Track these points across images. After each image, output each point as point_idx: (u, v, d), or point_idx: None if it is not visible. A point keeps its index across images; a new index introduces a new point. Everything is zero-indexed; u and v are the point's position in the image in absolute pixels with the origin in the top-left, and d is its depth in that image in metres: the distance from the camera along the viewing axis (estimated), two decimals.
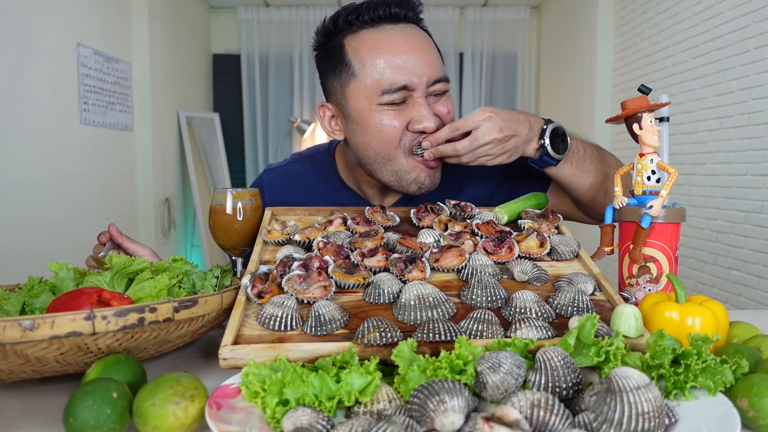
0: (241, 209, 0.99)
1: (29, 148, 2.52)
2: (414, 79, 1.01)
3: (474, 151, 0.98)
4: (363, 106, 1.04)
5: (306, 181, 1.26)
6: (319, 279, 0.76)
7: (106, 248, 1.01)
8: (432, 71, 1.03)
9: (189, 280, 0.91)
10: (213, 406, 0.56)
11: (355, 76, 1.04)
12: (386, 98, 1.02)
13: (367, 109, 1.04)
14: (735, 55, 2.44)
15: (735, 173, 2.48)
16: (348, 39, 1.05)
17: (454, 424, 0.50)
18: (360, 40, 1.04)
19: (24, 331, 0.60)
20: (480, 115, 0.97)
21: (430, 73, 1.03)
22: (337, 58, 1.06)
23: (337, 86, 1.08)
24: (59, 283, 0.85)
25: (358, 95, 1.04)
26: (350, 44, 1.05)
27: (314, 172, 1.26)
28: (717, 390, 0.58)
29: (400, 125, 1.03)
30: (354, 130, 1.08)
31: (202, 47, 4.66)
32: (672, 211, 0.86)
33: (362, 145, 1.08)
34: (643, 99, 0.86)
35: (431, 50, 1.06)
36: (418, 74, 1.02)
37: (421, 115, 1.02)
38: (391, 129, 1.03)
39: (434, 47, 1.09)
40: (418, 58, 1.02)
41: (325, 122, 1.15)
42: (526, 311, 0.73)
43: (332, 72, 1.09)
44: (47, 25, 2.63)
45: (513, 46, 4.80)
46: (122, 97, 3.35)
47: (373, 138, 1.05)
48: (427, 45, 1.06)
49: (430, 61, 1.04)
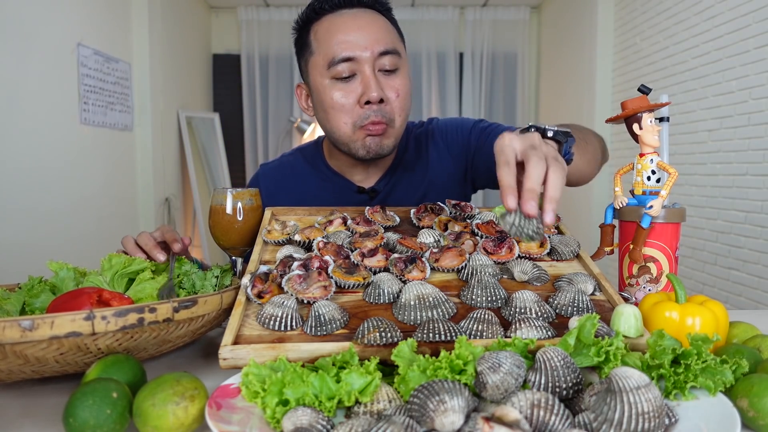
0: (241, 209, 0.99)
1: (29, 148, 2.52)
2: (358, 51, 1.08)
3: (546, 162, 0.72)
4: (318, 81, 1.13)
5: (297, 171, 1.34)
6: (319, 279, 0.76)
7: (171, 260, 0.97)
8: (378, 45, 1.09)
9: (189, 280, 0.91)
10: (213, 406, 0.56)
11: (312, 54, 1.14)
12: (333, 71, 1.09)
13: (322, 85, 1.12)
14: (735, 55, 2.44)
15: (735, 173, 2.48)
16: (314, 25, 1.15)
17: (454, 424, 0.50)
18: (320, 24, 1.14)
19: (23, 332, 0.60)
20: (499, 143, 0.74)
21: (375, 46, 1.09)
22: (303, 41, 1.17)
23: (303, 65, 1.19)
24: (59, 283, 0.85)
25: (315, 71, 1.13)
26: (313, 29, 1.15)
27: (304, 162, 1.34)
28: (717, 390, 0.58)
29: (350, 100, 1.10)
30: (316, 105, 1.18)
31: (202, 47, 4.65)
32: (672, 211, 0.86)
33: (322, 119, 1.17)
34: (643, 99, 0.86)
35: (381, 28, 1.12)
36: (362, 47, 1.08)
37: (365, 86, 1.09)
38: (342, 103, 1.11)
39: (388, 27, 1.14)
40: (365, 33, 1.09)
41: (302, 101, 1.24)
42: (526, 311, 0.73)
43: (300, 54, 1.20)
44: (47, 25, 2.63)
45: (513, 46, 4.80)
46: (122, 97, 3.35)
47: (327, 112, 1.14)
48: (377, 24, 1.12)
49: (377, 36, 1.10)
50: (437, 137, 1.31)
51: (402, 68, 1.14)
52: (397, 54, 1.12)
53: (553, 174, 0.67)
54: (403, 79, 1.13)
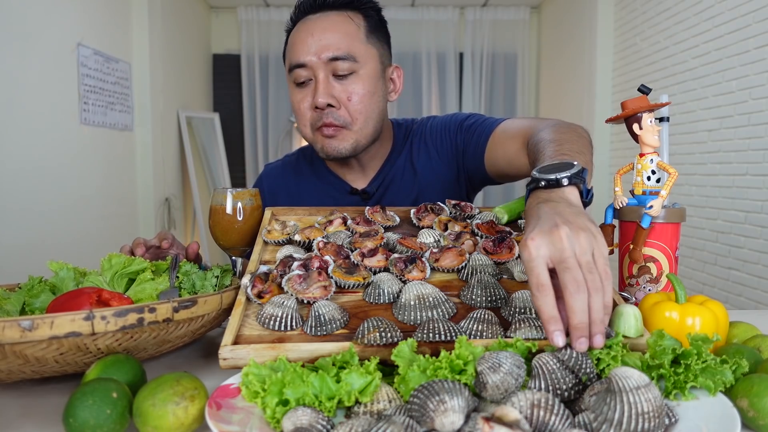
0: (241, 209, 0.99)
1: (29, 148, 2.52)
2: (308, 57, 1.12)
3: (587, 274, 0.61)
4: (289, 86, 1.19)
5: (297, 171, 1.35)
6: (319, 279, 0.76)
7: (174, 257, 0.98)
8: (327, 51, 1.11)
9: (189, 280, 0.91)
10: (213, 406, 0.56)
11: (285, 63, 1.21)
12: (292, 76, 1.15)
13: (290, 89, 1.19)
14: (735, 55, 2.44)
15: (735, 173, 2.48)
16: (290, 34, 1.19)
17: (454, 424, 0.50)
18: (292, 32, 1.18)
19: (23, 332, 0.60)
20: (525, 256, 0.62)
21: (323, 52, 1.11)
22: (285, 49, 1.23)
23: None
24: (59, 283, 0.85)
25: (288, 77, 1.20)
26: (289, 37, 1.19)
27: (304, 162, 1.36)
28: (717, 390, 0.58)
29: (305, 104, 1.15)
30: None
31: (202, 47, 4.66)
32: (672, 211, 0.86)
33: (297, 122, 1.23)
34: (643, 99, 0.86)
35: (336, 32, 1.13)
36: (312, 53, 1.12)
37: (314, 91, 1.13)
38: (299, 107, 1.16)
39: (347, 30, 1.14)
40: (316, 39, 1.12)
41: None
42: (526, 311, 0.73)
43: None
44: (47, 25, 2.63)
45: (513, 46, 4.80)
46: (122, 97, 3.35)
47: (295, 115, 1.20)
48: (333, 29, 1.13)
49: (328, 42, 1.12)
50: (427, 139, 1.29)
51: (359, 71, 1.14)
52: (349, 59, 1.12)
53: (595, 296, 0.58)
54: (357, 84, 1.13)
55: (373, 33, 1.18)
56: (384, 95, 1.21)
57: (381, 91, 1.19)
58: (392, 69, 1.23)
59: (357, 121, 1.15)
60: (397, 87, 1.24)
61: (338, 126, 1.14)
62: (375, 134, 1.20)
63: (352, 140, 1.17)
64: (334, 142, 1.16)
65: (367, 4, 1.19)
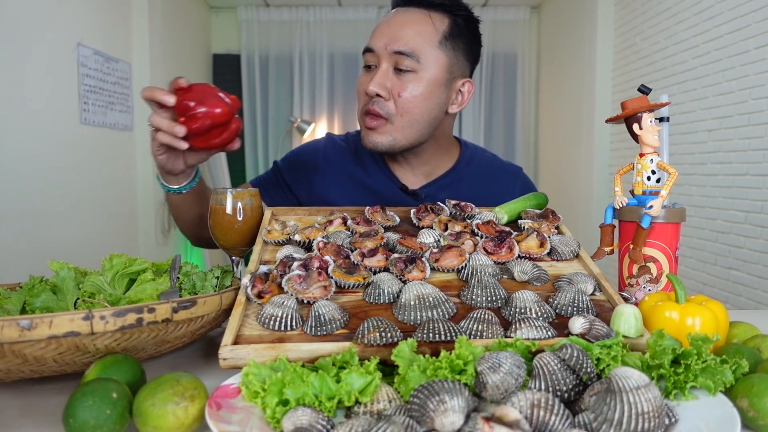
0: (241, 209, 0.99)
1: (29, 147, 2.52)
2: (377, 44, 1.15)
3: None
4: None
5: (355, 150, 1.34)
6: (319, 279, 0.76)
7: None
8: (394, 43, 1.13)
9: (189, 280, 0.91)
10: (213, 406, 0.56)
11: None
12: (364, 59, 1.18)
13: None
14: (735, 55, 2.44)
15: (735, 173, 2.48)
16: None
17: (454, 424, 0.50)
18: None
19: (22, 331, 0.60)
20: None
21: (391, 43, 1.13)
22: None
23: None
24: (60, 283, 0.84)
25: None
26: None
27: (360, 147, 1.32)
28: (717, 390, 0.58)
29: (363, 87, 1.17)
30: None
31: (202, 47, 4.65)
32: (672, 211, 0.86)
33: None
34: (643, 99, 0.86)
35: (410, 29, 1.14)
36: (382, 42, 1.14)
37: (372, 78, 1.14)
38: (359, 89, 1.19)
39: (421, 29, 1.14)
40: (389, 30, 1.15)
41: None
42: (526, 311, 0.73)
43: None
44: (47, 25, 2.63)
45: (513, 46, 4.80)
46: (122, 97, 3.35)
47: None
48: (409, 23, 1.14)
49: (398, 35, 1.13)
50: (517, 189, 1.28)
51: (419, 72, 1.13)
52: (412, 57, 1.12)
53: None
54: (413, 83, 1.13)
55: (452, 40, 1.16)
56: (441, 104, 1.18)
57: (438, 98, 1.17)
58: (463, 82, 1.21)
59: (401, 118, 1.14)
60: (462, 101, 1.22)
61: (381, 117, 1.14)
62: (419, 138, 1.19)
63: (390, 136, 1.16)
64: (372, 135, 1.17)
65: (459, 10, 1.18)
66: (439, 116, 1.19)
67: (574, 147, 4.04)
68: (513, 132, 4.87)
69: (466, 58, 1.21)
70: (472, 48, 1.21)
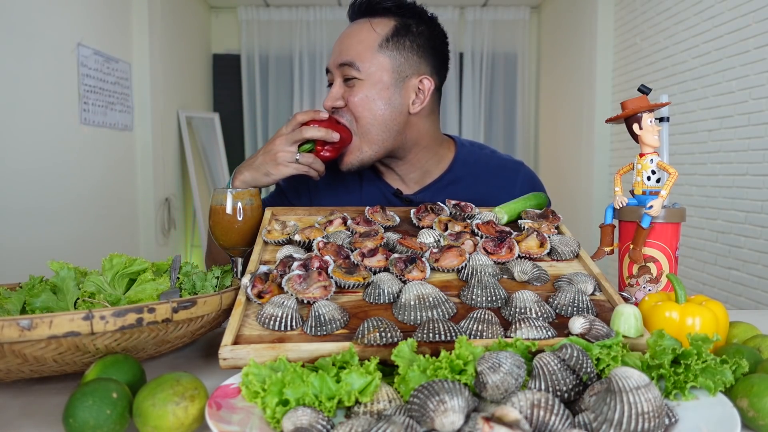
0: (241, 209, 0.99)
1: (29, 147, 2.52)
2: (330, 61, 1.19)
3: None
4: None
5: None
6: (319, 279, 0.76)
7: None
8: (339, 56, 1.16)
9: (189, 280, 0.91)
10: (213, 406, 0.56)
11: None
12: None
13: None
14: (735, 55, 2.44)
15: (735, 173, 2.48)
16: None
17: (454, 424, 0.50)
18: None
19: (22, 331, 0.60)
20: None
21: (337, 58, 1.16)
22: None
23: None
24: (60, 283, 0.84)
25: None
26: None
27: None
28: (717, 390, 0.58)
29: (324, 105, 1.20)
30: None
31: (202, 47, 4.66)
32: (672, 211, 0.86)
33: None
34: (643, 99, 0.86)
35: (352, 39, 1.17)
36: (333, 58, 1.18)
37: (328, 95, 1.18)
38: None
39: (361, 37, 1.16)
40: (338, 45, 1.18)
41: None
42: (526, 311, 0.73)
43: None
44: (47, 25, 2.63)
45: (513, 46, 4.80)
46: (122, 97, 3.35)
47: None
48: (351, 36, 1.17)
49: (342, 48, 1.17)
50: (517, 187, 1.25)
51: (362, 78, 1.13)
52: (352, 66, 1.13)
53: None
54: (357, 88, 1.14)
55: (395, 41, 1.15)
56: (396, 105, 1.16)
57: (388, 100, 1.15)
58: (420, 79, 1.17)
59: (357, 125, 1.15)
60: (424, 98, 1.18)
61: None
62: (384, 143, 1.17)
63: (358, 152, 1.17)
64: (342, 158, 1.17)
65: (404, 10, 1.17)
66: (398, 118, 1.16)
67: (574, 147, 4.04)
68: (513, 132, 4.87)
69: (419, 56, 1.18)
70: (427, 44, 1.19)
